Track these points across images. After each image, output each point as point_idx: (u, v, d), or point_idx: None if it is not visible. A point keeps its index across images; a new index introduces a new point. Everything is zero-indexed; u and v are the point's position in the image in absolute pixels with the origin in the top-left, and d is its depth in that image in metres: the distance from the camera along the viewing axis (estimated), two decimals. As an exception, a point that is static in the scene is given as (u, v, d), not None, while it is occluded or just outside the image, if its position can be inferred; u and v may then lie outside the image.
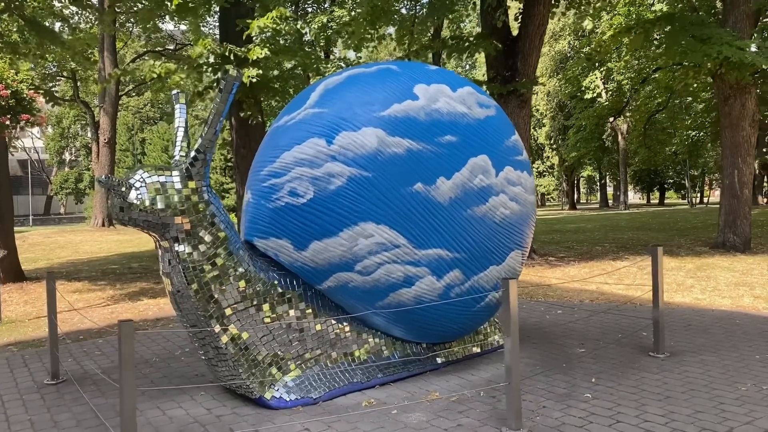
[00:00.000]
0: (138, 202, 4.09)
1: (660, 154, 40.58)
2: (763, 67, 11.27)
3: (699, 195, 54.73)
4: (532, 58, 12.10)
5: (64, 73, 33.27)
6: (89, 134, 52.36)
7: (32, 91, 9.92)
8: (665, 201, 56.17)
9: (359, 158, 4.41)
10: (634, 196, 57.45)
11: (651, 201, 59.36)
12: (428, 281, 4.66)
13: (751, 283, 8.96)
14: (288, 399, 4.51)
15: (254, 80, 8.97)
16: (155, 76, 9.89)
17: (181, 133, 4.58)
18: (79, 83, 33.30)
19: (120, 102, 33.93)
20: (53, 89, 34.26)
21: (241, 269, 4.43)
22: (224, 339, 4.38)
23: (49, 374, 5.49)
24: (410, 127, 4.55)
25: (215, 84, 10.61)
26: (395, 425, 4.08)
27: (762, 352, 5.46)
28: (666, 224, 20.73)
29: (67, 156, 61.26)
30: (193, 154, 4.29)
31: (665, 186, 56.61)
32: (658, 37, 13.74)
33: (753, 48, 11.00)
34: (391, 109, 4.55)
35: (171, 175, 4.25)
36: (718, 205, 12.55)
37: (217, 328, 4.35)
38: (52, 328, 5.40)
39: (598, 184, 58.28)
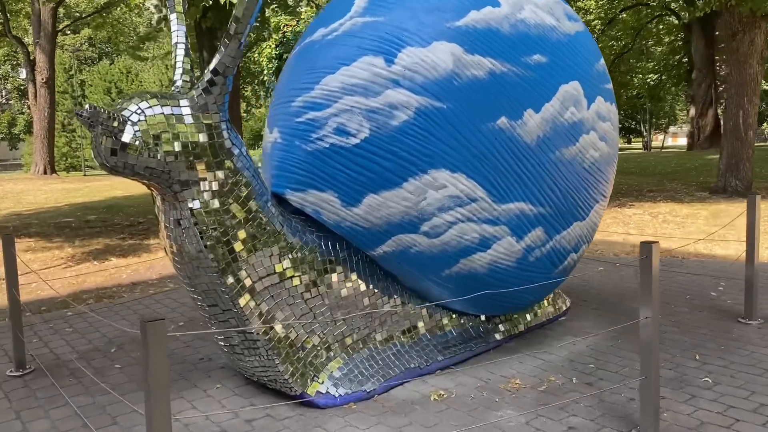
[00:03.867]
0: (137, 143, 2.95)
1: (621, 97, 40.26)
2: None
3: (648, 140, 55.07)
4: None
5: (-8, 5, 30.17)
6: (22, 75, 48.50)
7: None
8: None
9: (430, 83, 3.34)
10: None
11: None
12: (507, 243, 3.70)
13: (784, 230, 8.34)
14: (336, 395, 3.53)
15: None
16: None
17: (181, 51, 3.42)
18: (9, 16, 30.26)
19: (56, 40, 31.06)
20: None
21: (272, 231, 3.37)
22: (255, 321, 3.35)
23: (12, 362, 4.34)
24: (492, 42, 3.49)
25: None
26: (487, 429, 3.17)
27: None
28: (645, 168, 20.25)
29: (-2, 99, 57.22)
30: (208, 76, 3.14)
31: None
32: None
33: None
34: (468, 17, 3.46)
35: (179, 106, 3.10)
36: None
37: (248, 309, 3.31)
38: (13, 306, 4.23)
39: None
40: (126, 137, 2.94)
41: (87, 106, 2.85)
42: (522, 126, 3.55)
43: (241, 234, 3.27)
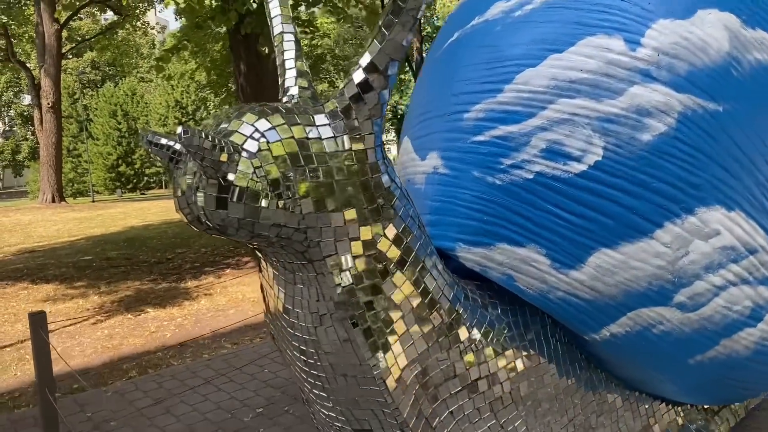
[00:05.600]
0: (258, 186, 1.75)
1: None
2: None
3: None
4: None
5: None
6: (26, 101, 47.65)
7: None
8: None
9: (699, 74, 2.13)
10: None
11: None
12: (782, 310, 2.47)
13: None
14: None
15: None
16: None
17: (290, 45, 2.23)
18: (12, 40, 29.36)
19: (61, 63, 30.04)
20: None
21: (447, 311, 2.16)
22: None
23: (43, 490, 3.12)
24: (778, 10, 2.30)
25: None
26: None
27: None
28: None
29: (0, 126, 56.67)
30: (360, 77, 1.90)
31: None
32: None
33: None
34: (743, -26, 2.27)
35: (314, 125, 1.89)
36: None
37: (425, 441, 2.10)
38: (47, 412, 3.00)
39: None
40: (239, 178, 1.74)
41: (179, 130, 1.64)
42: (814, 136, 2.35)
43: (409, 318, 2.07)
